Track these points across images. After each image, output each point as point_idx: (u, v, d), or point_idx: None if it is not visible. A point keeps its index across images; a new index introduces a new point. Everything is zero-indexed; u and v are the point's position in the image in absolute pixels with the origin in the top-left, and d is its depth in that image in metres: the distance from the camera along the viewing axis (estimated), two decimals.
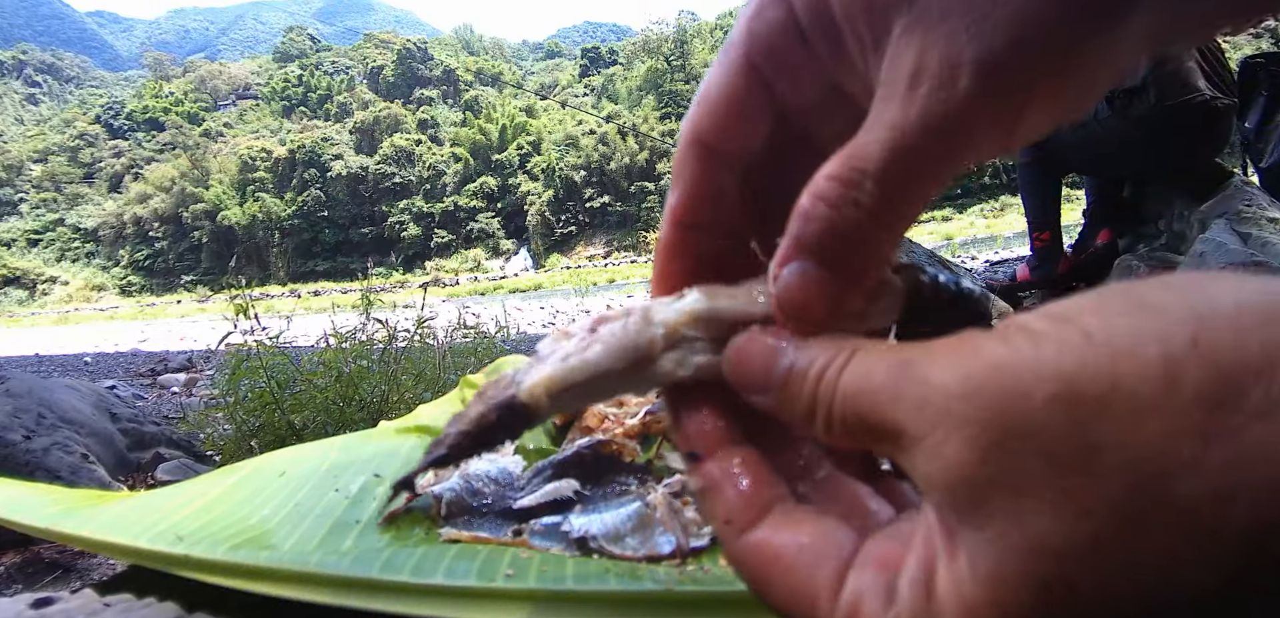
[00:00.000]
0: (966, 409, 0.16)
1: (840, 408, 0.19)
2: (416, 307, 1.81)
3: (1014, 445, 0.15)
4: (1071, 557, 0.15)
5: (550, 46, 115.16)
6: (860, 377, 0.19)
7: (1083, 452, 0.15)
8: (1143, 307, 0.15)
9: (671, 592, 0.42)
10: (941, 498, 0.17)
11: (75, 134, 72.42)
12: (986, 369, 0.16)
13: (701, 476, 0.22)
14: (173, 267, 59.02)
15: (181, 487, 0.65)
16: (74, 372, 4.39)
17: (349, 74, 78.81)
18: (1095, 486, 0.14)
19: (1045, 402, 0.15)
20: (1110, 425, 0.14)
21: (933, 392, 0.17)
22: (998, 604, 0.16)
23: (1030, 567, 0.15)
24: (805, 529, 0.20)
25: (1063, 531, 0.15)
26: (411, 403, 1.36)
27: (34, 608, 0.48)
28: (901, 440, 0.18)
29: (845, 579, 0.19)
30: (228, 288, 1.55)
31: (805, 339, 0.21)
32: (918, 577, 0.18)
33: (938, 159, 0.19)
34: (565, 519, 0.52)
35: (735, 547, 0.21)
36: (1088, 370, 0.15)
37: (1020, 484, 0.15)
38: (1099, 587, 0.14)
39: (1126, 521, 0.14)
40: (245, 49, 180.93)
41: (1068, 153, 2.27)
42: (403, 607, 0.43)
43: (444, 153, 60.75)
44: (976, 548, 0.16)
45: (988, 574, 0.16)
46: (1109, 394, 0.14)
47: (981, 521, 0.16)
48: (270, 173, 60.69)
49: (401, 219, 57.64)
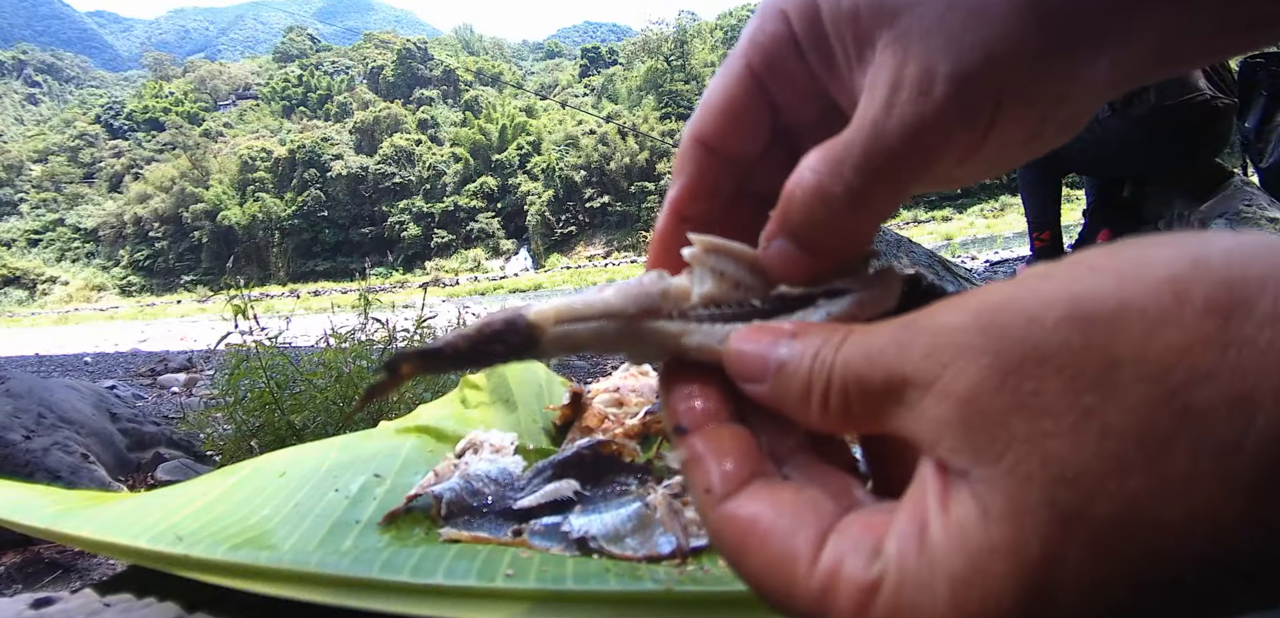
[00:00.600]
0: (980, 340, 0.16)
1: (839, 378, 0.19)
2: (416, 307, 1.81)
3: (1031, 369, 0.15)
4: (1094, 483, 0.14)
5: (550, 46, 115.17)
6: (859, 346, 0.19)
7: (1101, 368, 0.14)
8: (1144, 243, 0.16)
9: (671, 592, 0.42)
10: (953, 440, 0.16)
11: (75, 134, 72.42)
12: (997, 303, 0.16)
13: (686, 447, 0.22)
14: (173, 267, 59.03)
15: (181, 487, 0.65)
16: (74, 372, 4.39)
17: (349, 74, 78.81)
18: (1116, 402, 0.14)
19: (1057, 323, 0.15)
20: (1125, 340, 0.14)
21: (942, 332, 0.17)
22: (1013, 545, 0.15)
23: (1051, 496, 0.14)
24: (785, 498, 0.20)
25: (1086, 454, 0.14)
26: (411, 403, 1.36)
27: (34, 608, 0.48)
28: (907, 393, 0.17)
29: (825, 542, 0.18)
30: (227, 288, 1.55)
31: (802, 332, 0.21)
32: (907, 531, 0.17)
33: (911, 160, 0.21)
34: (565, 519, 0.52)
35: (713, 516, 0.21)
36: (1096, 292, 0.15)
37: (1039, 406, 0.15)
38: (1121, 517, 0.14)
39: (1149, 438, 0.14)
40: (245, 49, 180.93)
41: (1068, 152, 2.27)
42: (403, 607, 0.43)
43: (444, 153, 60.75)
44: (989, 486, 0.15)
45: (1002, 511, 0.15)
46: (1119, 312, 0.14)
47: (997, 452, 0.15)
48: (270, 173, 60.69)
49: (401, 219, 57.64)
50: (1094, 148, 2.20)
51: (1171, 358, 0.14)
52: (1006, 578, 0.15)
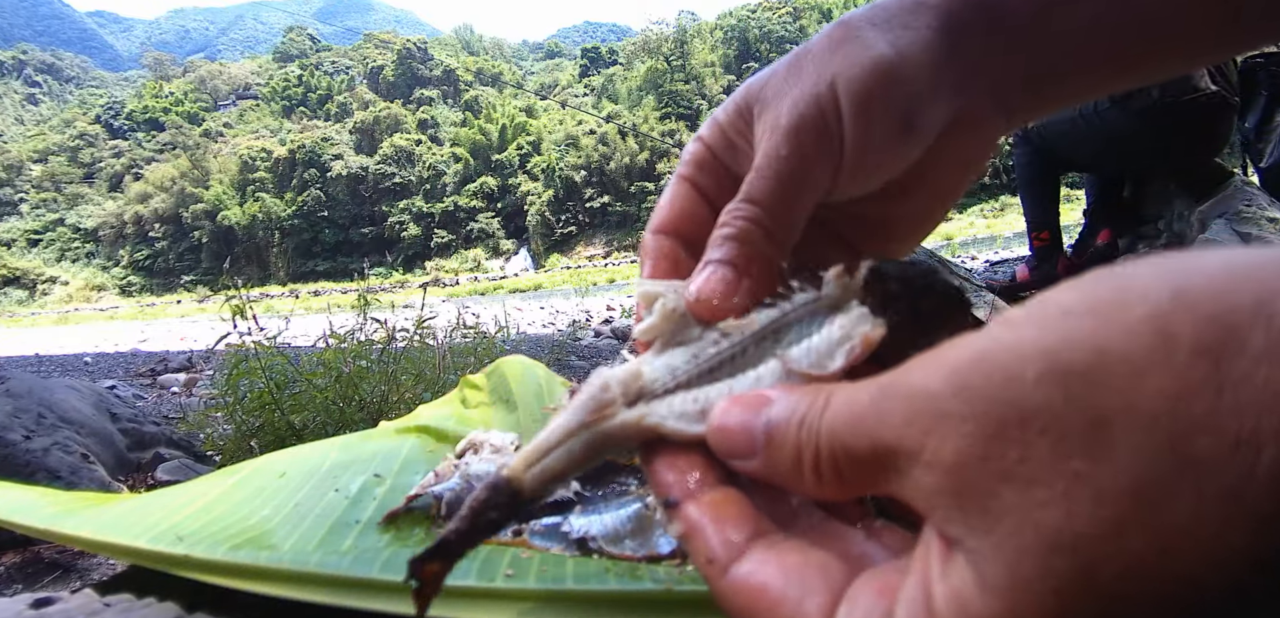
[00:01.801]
0: (957, 406, 0.16)
1: (827, 447, 0.19)
2: (416, 307, 1.81)
3: (1014, 433, 0.15)
4: (1092, 549, 0.14)
5: (550, 46, 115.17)
6: (843, 411, 0.19)
7: (1087, 427, 0.14)
8: (1118, 276, 0.15)
9: (671, 592, 0.42)
10: (946, 509, 0.16)
11: (75, 134, 72.43)
12: (970, 363, 0.16)
13: (681, 519, 0.22)
14: (173, 267, 59.04)
15: (181, 487, 0.65)
16: (74, 372, 4.39)
17: (349, 74, 78.82)
18: (1107, 462, 0.14)
19: (1036, 381, 0.15)
20: (1110, 393, 0.14)
21: (919, 399, 0.17)
22: (1015, 615, 0.14)
23: (1048, 565, 0.14)
24: (792, 561, 0.20)
25: (1080, 520, 0.14)
26: (411, 403, 1.36)
27: (34, 608, 0.48)
28: (896, 462, 0.17)
29: (836, 611, 0.18)
30: (227, 288, 1.55)
31: (782, 394, 0.21)
32: (915, 598, 0.17)
33: (787, 183, 0.28)
34: (565, 520, 0.52)
35: (720, 586, 0.20)
36: (1071, 341, 0.14)
37: (1028, 474, 0.14)
38: (1124, 576, 0.13)
39: (1147, 496, 0.13)
40: (245, 49, 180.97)
41: (1070, 149, 2.27)
42: (403, 607, 0.43)
43: (444, 153, 60.75)
44: (985, 557, 0.15)
45: (999, 582, 0.15)
46: (1099, 361, 0.14)
47: (990, 523, 0.15)
48: (270, 173, 60.70)
49: (401, 219, 57.65)
50: (1094, 143, 2.20)
51: (1163, 406, 0.13)
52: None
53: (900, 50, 0.27)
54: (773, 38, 59.08)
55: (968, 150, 0.31)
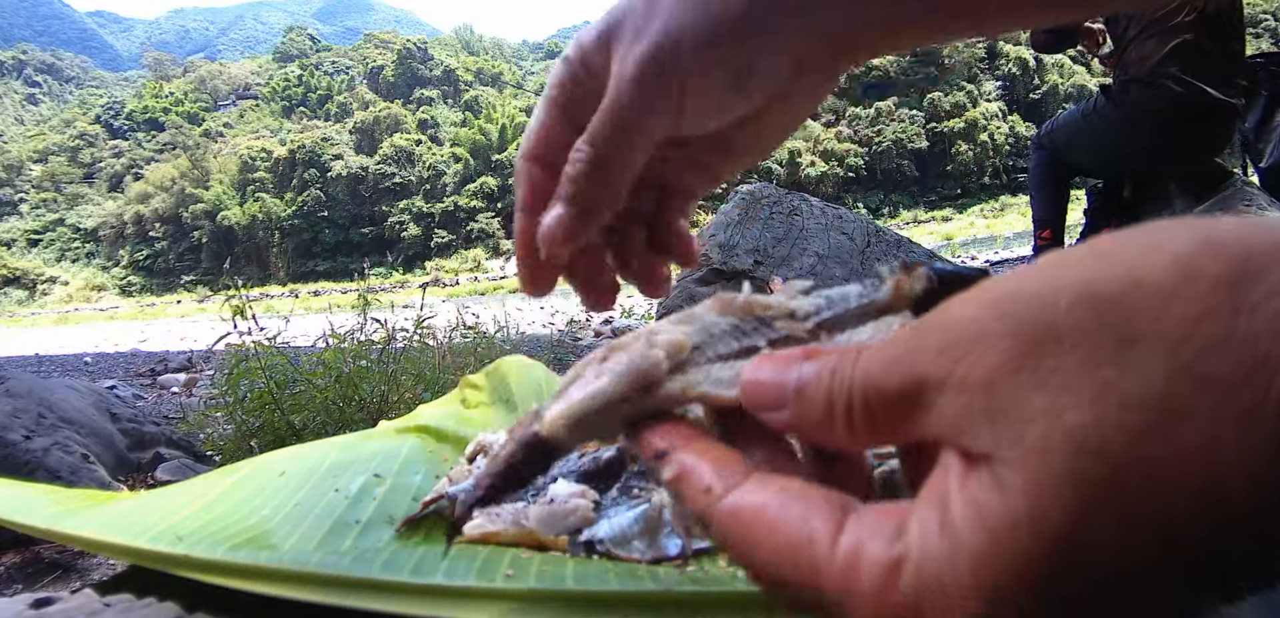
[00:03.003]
0: (995, 326, 0.16)
1: (861, 390, 0.19)
2: (416, 307, 1.81)
3: (1048, 348, 0.15)
4: (1118, 452, 0.14)
5: (550, 46, 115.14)
6: (875, 357, 0.19)
7: (1116, 346, 0.15)
8: (1154, 229, 0.16)
9: (672, 592, 0.42)
10: (974, 424, 0.16)
11: (75, 134, 72.43)
12: (1009, 292, 0.17)
13: (672, 464, 0.22)
14: (173, 267, 59.03)
15: (181, 487, 0.65)
16: (74, 372, 4.39)
17: (349, 74, 78.81)
18: (1134, 374, 0.14)
19: (1070, 305, 0.15)
20: (1138, 318, 0.15)
21: (953, 326, 0.17)
22: (1034, 516, 0.15)
23: (1073, 467, 0.15)
24: (793, 486, 0.20)
25: (1107, 424, 0.14)
26: (411, 403, 1.36)
27: (34, 608, 0.48)
28: (924, 395, 0.18)
29: (843, 527, 0.18)
30: (227, 288, 1.55)
31: (815, 354, 0.21)
32: (928, 514, 0.17)
33: (627, 130, 0.29)
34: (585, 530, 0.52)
35: (718, 513, 0.20)
36: (1106, 273, 0.15)
37: (1059, 383, 0.15)
38: (1146, 482, 0.14)
39: (1168, 407, 0.14)
40: (245, 49, 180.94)
41: (1076, 151, 2.29)
42: (403, 607, 0.43)
43: (444, 153, 60.76)
44: (1011, 463, 0.15)
45: (1024, 484, 0.15)
46: (1129, 291, 0.15)
47: (1019, 432, 0.15)
48: (270, 173, 60.69)
49: (401, 219, 57.63)
50: (1096, 143, 2.21)
51: (1184, 330, 0.14)
52: (1028, 550, 0.15)
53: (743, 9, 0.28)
54: None
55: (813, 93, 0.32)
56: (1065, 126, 2.33)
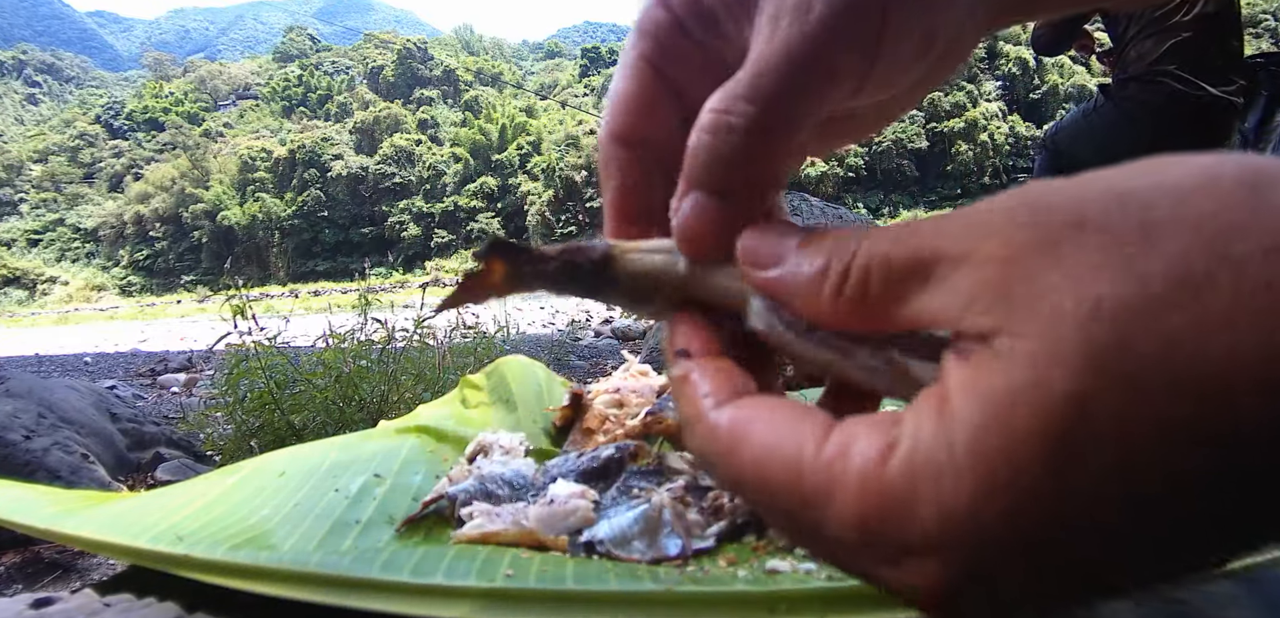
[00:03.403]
0: (1022, 213, 0.16)
1: (862, 258, 0.18)
2: (416, 307, 1.81)
3: (1072, 233, 0.15)
4: (1132, 320, 0.14)
5: (550, 47, 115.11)
6: (891, 230, 0.18)
7: (1140, 228, 0.15)
8: (1175, 156, 0.16)
9: (672, 592, 0.42)
10: (987, 301, 0.16)
11: (75, 134, 72.42)
12: (1037, 189, 0.17)
13: (681, 365, 0.21)
14: (173, 267, 59.03)
15: (181, 487, 0.65)
16: (74, 372, 4.39)
17: (349, 74, 78.80)
18: (1156, 250, 0.14)
19: (1098, 196, 0.16)
20: (1162, 207, 0.15)
21: (981, 211, 0.17)
22: (1037, 387, 0.14)
23: (1085, 333, 0.14)
24: (784, 403, 0.19)
25: (1124, 291, 0.14)
26: (411, 403, 1.36)
27: (34, 608, 0.48)
28: (937, 268, 0.17)
29: (832, 430, 0.17)
30: (227, 288, 1.55)
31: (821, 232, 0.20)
32: (924, 406, 0.16)
33: (801, 82, 0.21)
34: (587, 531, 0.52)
35: (708, 420, 0.20)
36: (1131, 177, 0.16)
37: (1079, 259, 0.15)
38: (1159, 352, 0.14)
39: (1189, 279, 0.14)
40: (245, 49, 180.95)
41: (1078, 150, 2.31)
42: (403, 607, 0.43)
43: (444, 153, 60.74)
44: (1017, 336, 0.15)
45: (1028, 353, 0.15)
46: (1155, 189, 0.15)
47: (1031, 303, 0.15)
48: (270, 173, 60.68)
49: (401, 219, 57.63)
50: (1097, 142, 2.22)
51: (1206, 217, 0.14)
52: (1029, 423, 0.14)
53: None
54: None
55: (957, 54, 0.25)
56: (1068, 127, 2.36)
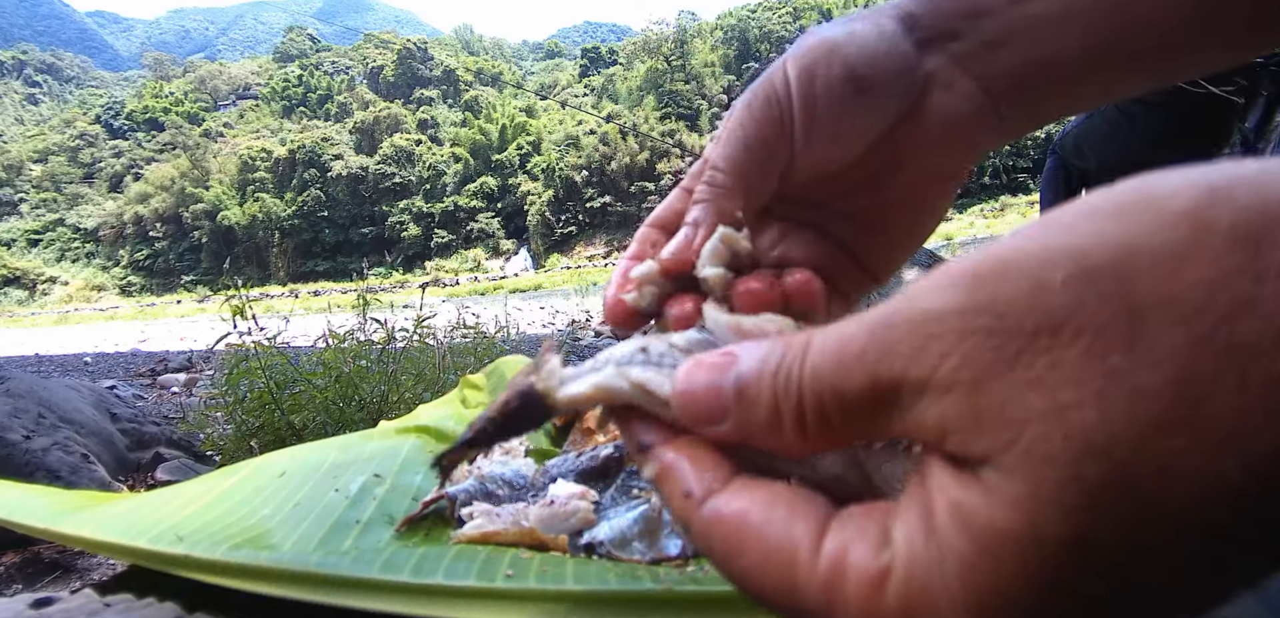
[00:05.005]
0: (981, 320, 0.14)
1: (812, 392, 0.17)
2: (416, 307, 1.81)
3: (1045, 340, 0.14)
4: (1129, 451, 0.12)
5: (550, 47, 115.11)
6: (831, 350, 0.17)
7: (1125, 320, 0.13)
8: (1146, 180, 0.14)
9: (672, 592, 0.42)
10: (963, 431, 0.15)
11: (75, 134, 72.41)
12: (991, 274, 0.15)
13: (655, 459, 0.21)
14: (173, 267, 59.02)
15: (181, 487, 0.65)
16: (74, 372, 4.39)
17: (349, 74, 78.80)
18: (1145, 354, 0.13)
19: (1065, 283, 0.14)
20: (1146, 288, 0.13)
21: (933, 321, 0.15)
22: (1027, 530, 0.13)
23: (1076, 474, 0.13)
24: (777, 491, 0.18)
25: (1116, 419, 0.13)
26: (411, 403, 1.36)
27: (34, 608, 0.48)
28: (900, 396, 0.16)
29: (826, 531, 0.17)
30: (227, 288, 1.55)
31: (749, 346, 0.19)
32: (913, 519, 0.16)
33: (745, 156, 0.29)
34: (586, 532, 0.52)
35: (699, 518, 0.19)
36: (1101, 239, 0.14)
37: (1058, 378, 0.13)
38: (1161, 479, 0.12)
39: (1189, 390, 0.12)
40: (245, 49, 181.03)
41: (1079, 151, 2.31)
42: (403, 607, 0.43)
43: (444, 153, 60.74)
44: (1005, 470, 0.14)
45: (1017, 495, 0.13)
46: (1129, 256, 0.13)
47: (1011, 436, 0.14)
48: (270, 173, 60.67)
49: (401, 219, 57.63)
50: (1098, 142, 2.23)
51: (1203, 294, 0.12)
52: (1023, 570, 0.14)
53: (851, 29, 0.29)
54: (773, 38, 59.06)
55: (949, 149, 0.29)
56: (1073, 129, 2.37)
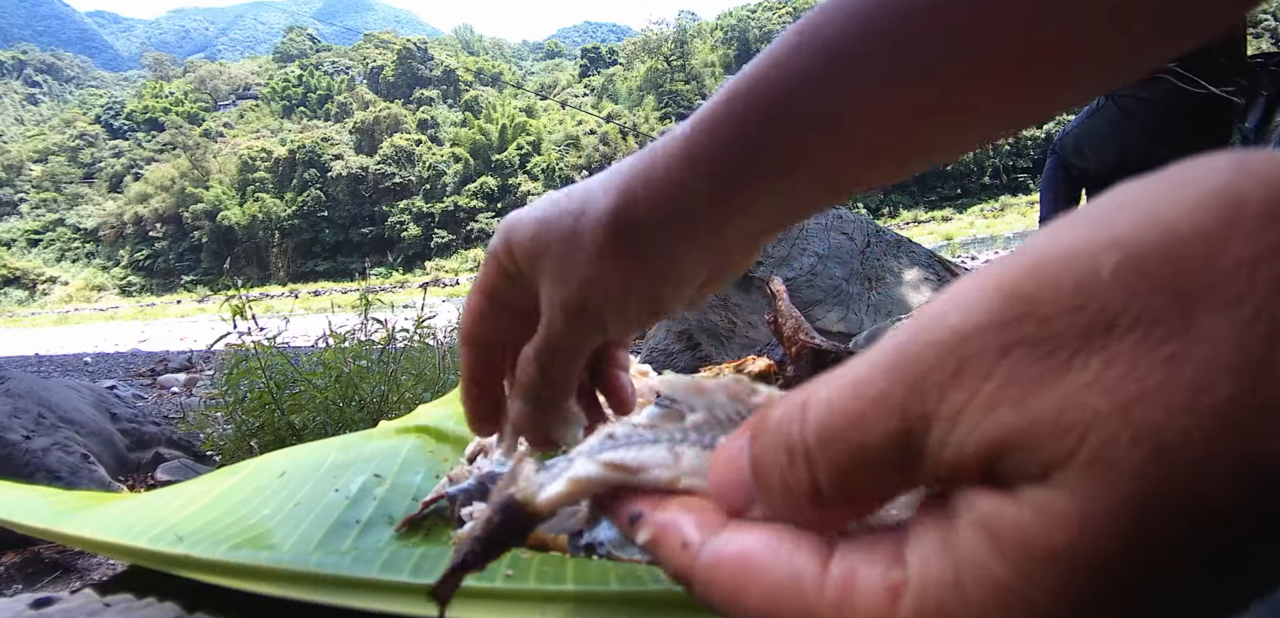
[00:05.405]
0: (1024, 329, 0.13)
1: (824, 458, 0.16)
2: (416, 307, 1.81)
3: (1099, 340, 0.12)
4: (1199, 446, 0.12)
5: (550, 47, 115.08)
6: (841, 406, 0.16)
7: (1177, 307, 0.12)
8: (1172, 170, 0.14)
9: (671, 592, 0.42)
10: (1014, 453, 0.13)
11: (75, 134, 72.40)
12: (1029, 276, 0.13)
13: (647, 526, 0.20)
14: (173, 267, 59.00)
15: (181, 487, 0.65)
16: (74, 372, 4.39)
17: (349, 74, 78.79)
18: (1200, 344, 0.12)
19: (1115, 274, 0.13)
20: (1187, 269, 0.12)
21: (967, 341, 0.14)
22: (1088, 539, 0.12)
23: (1147, 477, 0.12)
24: (777, 527, 0.17)
25: (1181, 411, 0.12)
26: (411, 403, 1.36)
27: (34, 608, 0.48)
28: (929, 432, 0.14)
29: (833, 555, 0.16)
30: (226, 288, 1.55)
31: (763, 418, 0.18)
32: (927, 532, 0.14)
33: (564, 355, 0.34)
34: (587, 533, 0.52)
35: (698, 568, 0.18)
36: (1142, 226, 0.13)
37: (1116, 376, 0.12)
38: (1230, 471, 0.11)
39: (1243, 372, 0.12)
40: (245, 49, 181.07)
41: (1079, 151, 2.32)
42: (403, 607, 0.43)
43: (444, 153, 60.72)
44: (1059, 487, 0.12)
45: (1069, 510, 0.12)
46: (1169, 240, 0.12)
47: (1073, 444, 0.12)
48: (270, 173, 60.67)
49: (401, 219, 57.61)
50: (1097, 142, 2.23)
51: (1245, 275, 0.12)
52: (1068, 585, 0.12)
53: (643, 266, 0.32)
54: (772, 37, 58.87)
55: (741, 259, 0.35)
56: (1073, 129, 2.38)
